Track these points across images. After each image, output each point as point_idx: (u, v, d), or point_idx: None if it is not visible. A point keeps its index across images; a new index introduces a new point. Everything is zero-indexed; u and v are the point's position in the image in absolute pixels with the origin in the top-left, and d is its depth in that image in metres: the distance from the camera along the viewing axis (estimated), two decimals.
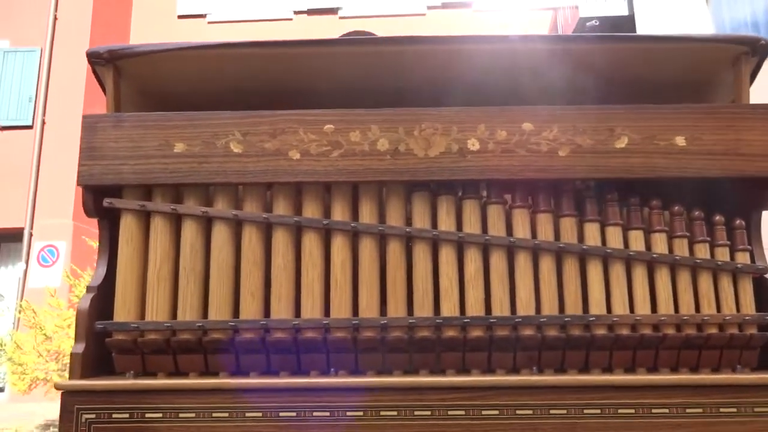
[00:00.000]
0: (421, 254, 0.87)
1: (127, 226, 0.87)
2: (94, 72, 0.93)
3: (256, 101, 0.98)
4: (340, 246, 0.87)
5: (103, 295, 0.87)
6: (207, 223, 0.88)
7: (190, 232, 0.87)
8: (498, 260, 0.86)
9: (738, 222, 0.89)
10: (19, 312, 6.84)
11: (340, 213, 0.87)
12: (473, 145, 0.86)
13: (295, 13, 12.20)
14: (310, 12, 12.28)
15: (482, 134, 0.87)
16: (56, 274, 10.48)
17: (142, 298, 0.86)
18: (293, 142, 0.87)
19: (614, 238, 0.87)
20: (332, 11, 12.45)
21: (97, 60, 0.89)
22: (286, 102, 0.95)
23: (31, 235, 10.74)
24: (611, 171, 0.86)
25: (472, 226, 0.87)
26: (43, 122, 11.31)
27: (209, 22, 12.24)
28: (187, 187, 0.88)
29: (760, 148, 0.86)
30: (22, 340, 6.96)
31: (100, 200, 0.88)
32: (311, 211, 0.87)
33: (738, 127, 0.87)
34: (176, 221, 0.88)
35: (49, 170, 11.04)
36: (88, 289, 0.87)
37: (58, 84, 10.73)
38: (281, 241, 0.87)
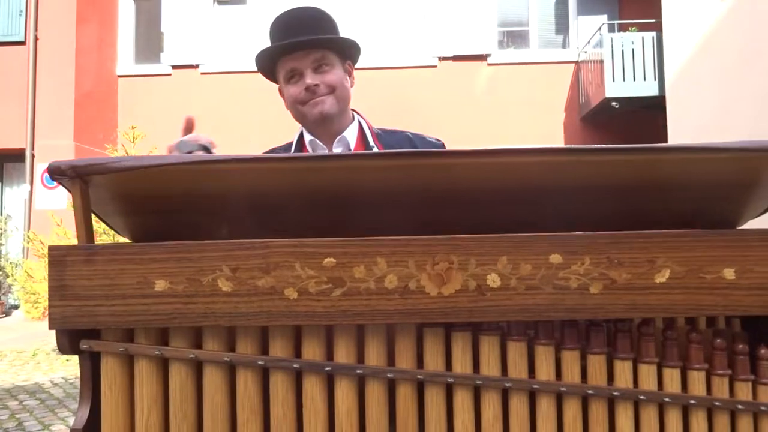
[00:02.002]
0: (434, 398, 0.79)
1: (109, 371, 0.79)
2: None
3: (247, 205, 0.87)
4: (345, 392, 0.78)
5: None
6: (197, 366, 0.80)
7: (178, 376, 0.79)
8: (518, 404, 0.78)
9: None
10: (28, 242, 6.91)
11: (344, 355, 0.78)
12: (493, 281, 0.76)
13: None
14: None
15: (504, 268, 0.76)
16: (61, 197, 10.53)
17: None
18: (289, 279, 0.76)
19: (647, 377, 0.78)
20: None
21: (60, 177, 0.77)
22: (278, 206, 0.84)
23: (33, 156, 10.70)
24: (650, 310, 0.76)
25: (490, 366, 0.79)
26: (36, 38, 10.93)
27: (202, 73, 11.63)
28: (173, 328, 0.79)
29: None
30: (33, 268, 7.09)
31: (77, 341, 0.79)
32: (312, 352, 0.79)
33: None
34: (163, 363, 0.80)
35: (46, 88, 10.83)
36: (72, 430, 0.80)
37: None
38: (280, 387, 0.78)
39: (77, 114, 10.60)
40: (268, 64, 1.45)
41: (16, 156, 10.61)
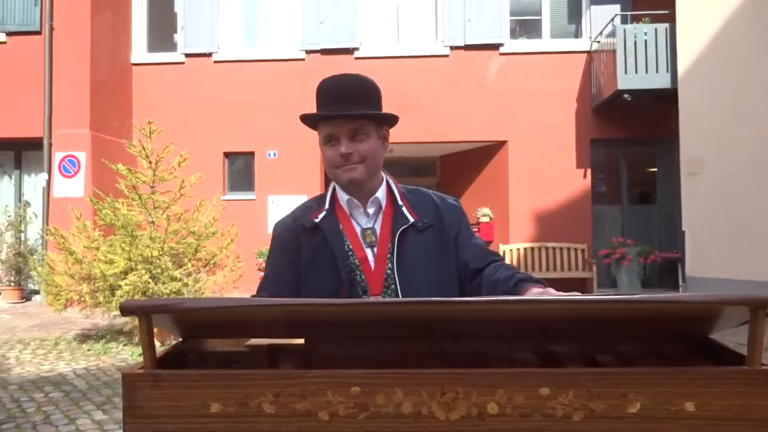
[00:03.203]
0: None
1: None
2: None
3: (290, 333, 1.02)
4: None
5: None
6: None
7: None
8: None
9: None
10: (48, 234, 7.11)
11: None
12: (492, 409, 0.91)
13: (308, 53, 11.42)
14: (324, 52, 11.49)
15: (501, 398, 0.91)
16: (78, 185, 10.71)
17: None
18: (322, 404, 0.92)
19: None
20: (347, 51, 11.64)
21: (128, 312, 0.93)
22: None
23: (50, 144, 10.87)
24: None
25: None
26: (51, 27, 11.03)
27: (215, 62, 11.62)
28: None
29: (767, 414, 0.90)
30: (54, 260, 7.28)
31: None
32: None
33: (748, 393, 0.90)
34: None
35: (62, 77, 10.95)
36: None
37: None
38: None
39: (93, 103, 10.73)
40: (311, 124, 1.62)
41: (34, 144, 10.82)
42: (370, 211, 1.60)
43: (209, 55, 11.79)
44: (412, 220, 1.58)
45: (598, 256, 11.04)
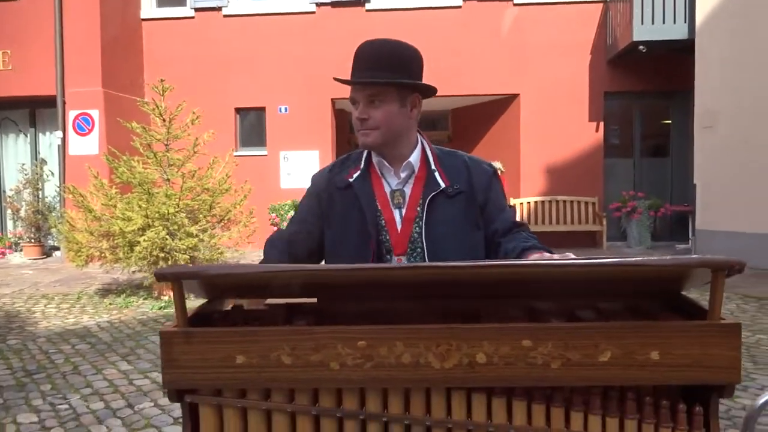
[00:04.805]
0: None
1: (206, 416, 1.11)
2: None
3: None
4: None
5: None
6: (267, 413, 1.11)
7: (254, 420, 1.11)
8: None
9: (697, 408, 1.08)
10: (67, 193, 7.28)
11: (373, 406, 1.09)
12: (481, 359, 1.05)
13: (318, 5, 11.11)
14: (334, 5, 11.14)
15: (488, 350, 1.05)
16: (93, 142, 10.84)
17: None
18: (333, 356, 1.06)
19: (595, 424, 1.08)
20: (358, 3, 11.30)
21: (162, 278, 1.07)
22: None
23: (64, 102, 10.95)
24: (595, 380, 1.05)
25: (480, 415, 1.09)
26: None
27: (225, 16, 11.35)
28: None
29: (721, 361, 1.03)
30: (74, 218, 7.48)
31: (182, 395, 1.11)
32: (350, 405, 1.09)
33: (704, 343, 1.03)
34: (242, 412, 1.12)
35: (73, 35, 10.95)
36: None
37: None
38: (328, 428, 1.10)
39: (104, 60, 10.74)
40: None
41: (48, 103, 10.93)
42: (403, 174, 1.64)
43: (219, 9, 11.70)
44: (443, 185, 1.61)
45: (608, 209, 11.09)
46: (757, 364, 4.35)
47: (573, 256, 1.20)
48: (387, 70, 1.55)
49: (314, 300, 1.29)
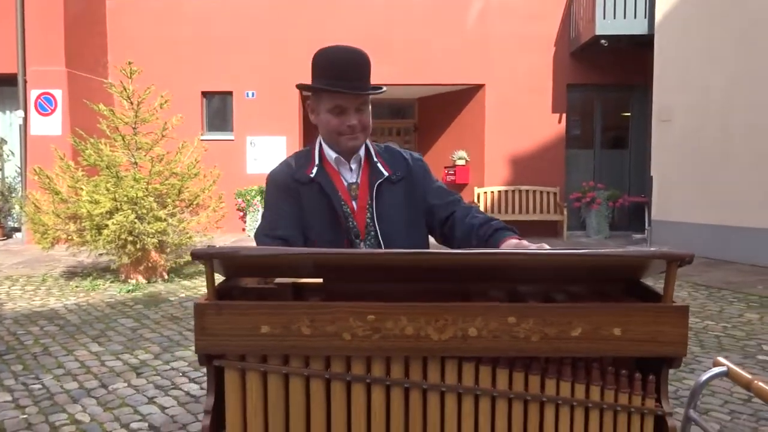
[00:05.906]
0: (433, 400, 1.28)
1: (231, 379, 1.27)
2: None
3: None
4: (378, 394, 1.27)
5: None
6: (286, 377, 1.28)
7: (274, 383, 1.28)
8: (485, 404, 1.28)
9: (651, 377, 1.28)
10: (33, 174, 7.20)
11: (378, 371, 1.27)
12: (472, 332, 1.23)
13: None
14: None
15: (479, 324, 1.23)
16: (56, 123, 10.65)
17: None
18: (346, 327, 1.23)
19: (566, 388, 1.28)
20: None
21: (197, 258, 1.21)
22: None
23: (25, 81, 10.70)
24: (568, 352, 1.25)
25: (469, 381, 1.27)
26: None
27: None
28: None
29: (672, 337, 1.24)
30: (39, 200, 7.40)
31: (211, 360, 1.26)
32: (359, 370, 1.27)
33: (659, 322, 1.24)
34: (263, 376, 1.28)
35: (35, 12, 10.67)
36: (206, 411, 1.28)
37: None
38: (338, 390, 1.27)
39: (67, 39, 10.52)
40: (313, 90, 1.79)
41: (8, 81, 10.67)
42: (353, 166, 1.85)
43: None
44: (386, 174, 1.83)
45: (569, 199, 11.45)
46: (704, 348, 4.67)
47: (548, 247, 1.40)
48: (367, 78, 1.77)
49: (320, 280, 1.45)
